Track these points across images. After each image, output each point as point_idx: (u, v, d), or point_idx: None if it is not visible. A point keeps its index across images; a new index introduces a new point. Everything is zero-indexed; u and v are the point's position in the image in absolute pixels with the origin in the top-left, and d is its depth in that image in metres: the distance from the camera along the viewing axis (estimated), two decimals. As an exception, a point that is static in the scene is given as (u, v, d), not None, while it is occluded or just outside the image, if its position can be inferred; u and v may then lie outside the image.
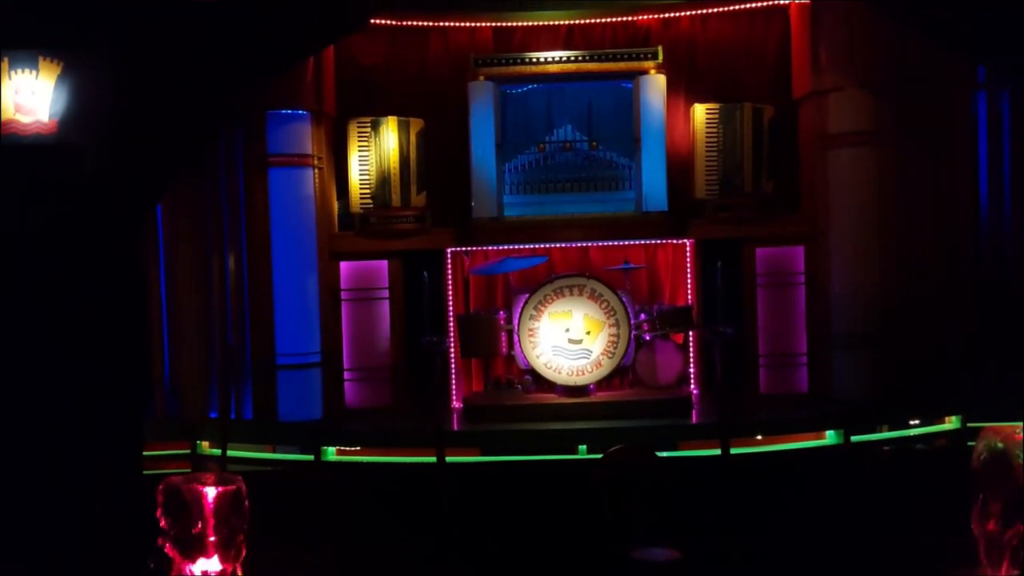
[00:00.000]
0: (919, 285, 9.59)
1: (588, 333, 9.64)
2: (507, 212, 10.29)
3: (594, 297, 9.65)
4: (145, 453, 7.69)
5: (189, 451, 8.66)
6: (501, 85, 10.32)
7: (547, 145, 10.33)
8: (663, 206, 10.06)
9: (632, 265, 10.11)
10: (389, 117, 10.13)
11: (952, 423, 8.71)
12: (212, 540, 5.47)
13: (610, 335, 9.63)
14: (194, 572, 5.49)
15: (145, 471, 7.40)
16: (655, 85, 10.15)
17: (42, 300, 6.76)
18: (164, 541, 5.49)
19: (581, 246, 10.44)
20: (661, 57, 10.16)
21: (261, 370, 9.65)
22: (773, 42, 10.57)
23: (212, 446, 8.67)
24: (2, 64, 6.82)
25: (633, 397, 9.65)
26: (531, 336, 9.66)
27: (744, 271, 10.12)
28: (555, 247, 10.38)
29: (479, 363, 10.51)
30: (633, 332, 9.66)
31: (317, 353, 9.95)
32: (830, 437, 8.56)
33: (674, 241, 10.34)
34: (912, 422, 8.80)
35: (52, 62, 6.88)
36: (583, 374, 9.62)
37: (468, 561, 7.39)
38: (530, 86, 10.40)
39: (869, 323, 9.60)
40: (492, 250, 10.36)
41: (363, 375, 10.26)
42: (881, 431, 8.84)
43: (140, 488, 6.66)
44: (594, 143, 10.32)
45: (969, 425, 8.45)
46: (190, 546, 5.47)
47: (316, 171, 9.99)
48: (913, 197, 9.63)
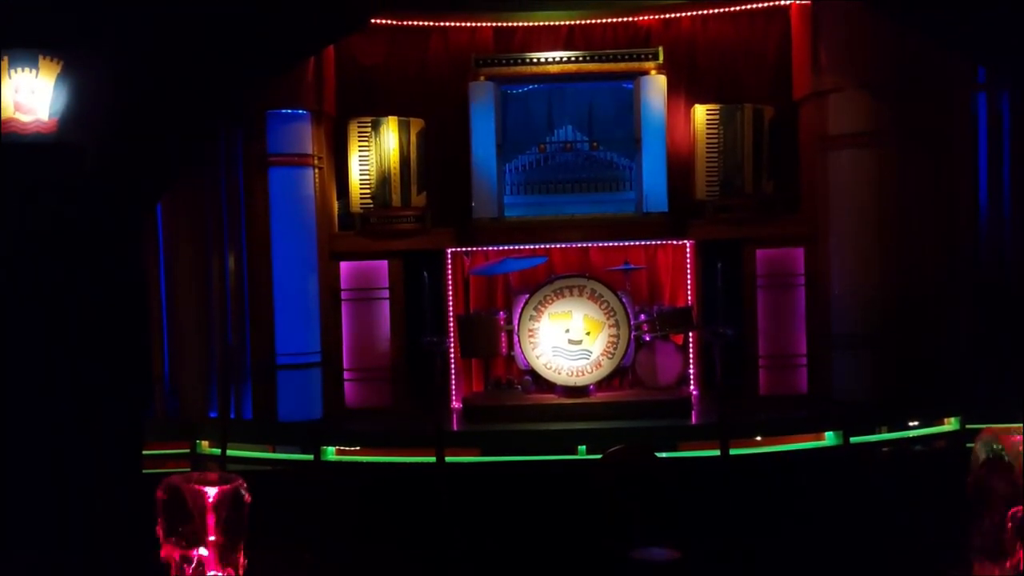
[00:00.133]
0: (919, 286, 9.59)
1: (588, 334, 9.64)
2: (507, 212, 10.29)
3: (594, 298, 9.65)
4: (145, 453, 7.70)
5: (189, 451, 8.66)
6: (502, 85, 10.32)
7: (548, 145, 10.33)
8: (663, 207, 10.05)
9: (632, 266, 10.11)
10: (389, 117, 10.13)
11: (951, 424, 8.71)
12: (212, 540, 5.47)
13: (610, 336, 9.63)
14: (194, 572, 5.48)
15: (145, 471, 7.41)
16: (655, 86, 10.14)
17: (42, 300, 6.76)
18: (164, 541, 5.49)
19: (581, 247, 10.45)
20: (662, 58, 10.16)
21: (261, 370, 9.65)
22: (773, 43, 10.56)
23: (212, 446, 8.66)
24: (2, 63, 6.83)
25: (633, 398, 9.65)
26: (531, 336, 9.66)
27: (744, 272, 10.13)
28: (555, 248, 10.38)
29: (479, 363, 10.51)
30: (633, 333, 9.66)
31: (317, 353, 9.95)
32: (829, 438, 8.56)
33: (674, 242, 10.35)
34: (911, 423, 8.80)
35: (52, 61, 6.89)
36: (583, 375, 9.62)
37: (468, 561, 7.37)
38: (531, 86, 10.40)
39: (869, 324, 9.60)
40: (492, 250, 10.36)
41: (363, 375, 10.26)
42: (880, 432, 8.84)
43: (140, 488, 6.64)
44: (594, 144, 10.32)
45: (968, 427, 8.45)
46: (190, 546, 5.47)
47: (316, 171, 10.00)
48: (913, 198, 9.64)
